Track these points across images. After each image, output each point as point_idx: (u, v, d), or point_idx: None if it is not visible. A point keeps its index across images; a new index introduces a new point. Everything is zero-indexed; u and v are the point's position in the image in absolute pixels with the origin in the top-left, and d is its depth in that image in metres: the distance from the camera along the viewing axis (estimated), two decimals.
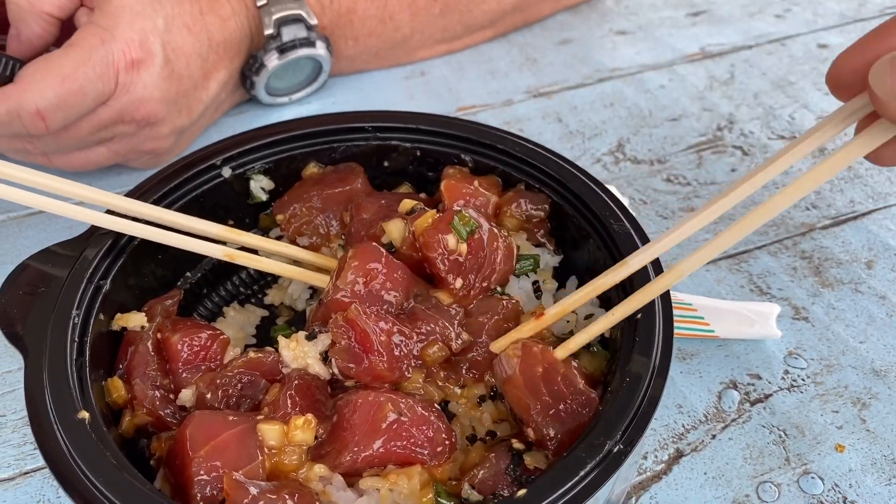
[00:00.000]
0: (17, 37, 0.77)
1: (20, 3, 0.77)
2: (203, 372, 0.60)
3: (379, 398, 0.54)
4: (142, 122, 0.82)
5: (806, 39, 1.12)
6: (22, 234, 0.84)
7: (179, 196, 0.69)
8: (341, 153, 0.75)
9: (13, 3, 0.77)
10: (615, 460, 0.50)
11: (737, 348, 0.72)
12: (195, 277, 0.72)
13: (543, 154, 0.71)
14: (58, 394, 0.53)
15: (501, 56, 1.09)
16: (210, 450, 0.52)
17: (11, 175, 0.61)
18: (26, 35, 0.78)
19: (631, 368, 0.54)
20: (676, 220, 0.85)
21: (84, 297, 0.60)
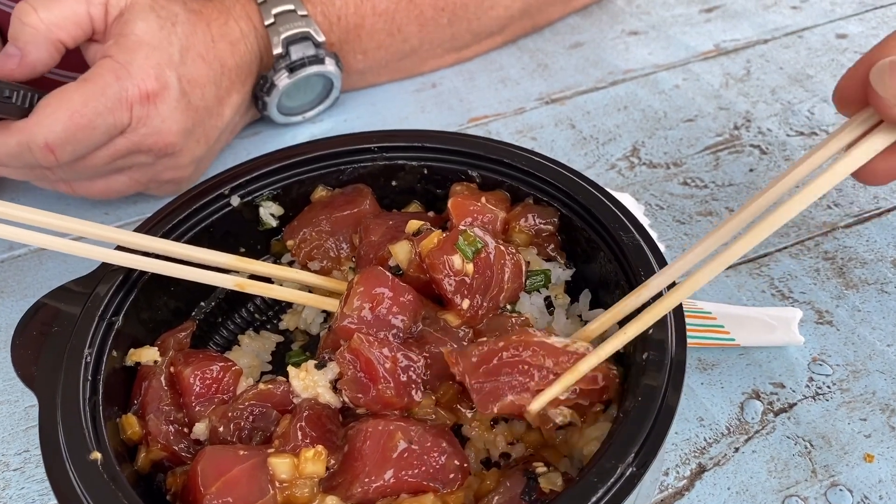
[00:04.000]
0: (21, 59, 0.77)
1: (36, 27, 0.77)
2: (216, 404, 0.60)
3: (388, 427, 0.54)
4: (160, 153, 0.83)
5: (824, 30, 1.09)
6: (42, 266, 0.86)
7: (189, 227, 0.69)
8: (349, 175, 0.75)
9: (27, 26, 0.77)
10: (628, 483, 0.49)
11: (759, 356, 0.71)
12: (209, 307, 0.72)
13: (551, 167, 0.70)
14: (71, 435, 0.53)
15: (512, 63, 1.08)
16: (222, 485, 0.52)
17: (20, 217, 0.62)
18: (33, 58, 0.77)
19: (642, 388, 0.53)
20: (694, 224, 0.84)
21: (97, 334, 0.60)
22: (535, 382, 0.55)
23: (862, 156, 0.52)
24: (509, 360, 0.55)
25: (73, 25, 0.78)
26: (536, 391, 0.54)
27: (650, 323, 0.56)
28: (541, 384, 0.55)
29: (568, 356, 0.55)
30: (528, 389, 0.55)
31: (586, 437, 0.58)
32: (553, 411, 0.55)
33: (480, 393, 0.55)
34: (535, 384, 0.55)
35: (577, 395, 0.55)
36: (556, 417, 0.55)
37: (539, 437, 0.60)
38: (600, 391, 0.56)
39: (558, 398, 0.55)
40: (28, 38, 0.78)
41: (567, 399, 0.55)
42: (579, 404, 0.56)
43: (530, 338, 0.56)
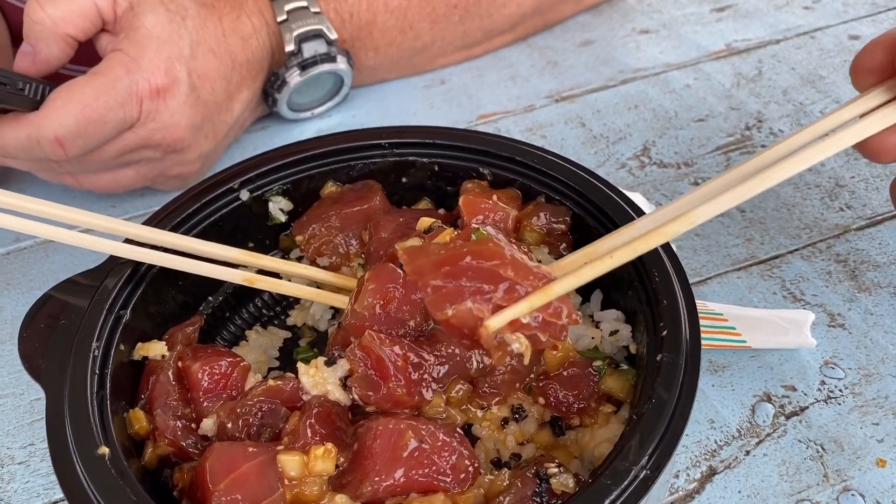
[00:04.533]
0: (34, 56, 0.77)
1: (44, 23, 0.77)
2: (224, 400, 0.59)
3: (399, 425, 0.54)
4: (168, 148, 0.82)
5: (836, 31, 1.09)
6: (49, 259, 0.85)
7: (198, 221, 0.69)
8: (359, 171, 0.74)
9: (36, 23, 0.77)
10: (642, 485, 0.48)
11: (770, 359, 0.70)
12: (217, 302, 0.72)
13: (563, 165, 0.69)
14: (78, 429, 0.53)
15: (522, 61, 1.07)
16: (230, 482, 0.51)
17: (29, 208, 0.61)
18: (44, 55, 0.78)
19: (656, 389, 0.52)
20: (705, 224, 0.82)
21: (104, 328, 0.60)
22: (500, 296, 0.50)
23: (874, 125, 0.51)
24: (475, 266, 0.50)
25: (79, 19, 0.78)
26: (498, 306, 0.49)
27: (644, 250, 0.53)
28: (505, 299, 0.50)
29: (540, 276, 0.51)
30: (490, 301, 0.50)
31: (597, 438, 0.58)
32: (510, 336, 0.50)
33: (437, 293, 0.50)
34: (500, 298, 0.50)
35: (538, 325, 0.50)
36: (512, 343, 0.51)
37: (550, 438, 0.60)
38: (560, 329, 0.51)
39: (519, 321, 0.50)
40: (37, 35, 0.78)
41: (528, 325, 0.50)
42: (537, 338, 0.51)
43: (502, 249, 0.51)
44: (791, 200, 0.85)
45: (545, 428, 0.60)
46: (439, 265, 0.52)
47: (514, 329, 0.51)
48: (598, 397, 0.60)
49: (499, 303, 0.50)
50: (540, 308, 0.51)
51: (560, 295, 0.51)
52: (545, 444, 0.59)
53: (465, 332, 0.51)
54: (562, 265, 0.57)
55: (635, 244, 0.53)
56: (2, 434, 0.69)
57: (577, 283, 0.52)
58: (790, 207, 0.84)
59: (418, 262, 0.53)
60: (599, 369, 0.60)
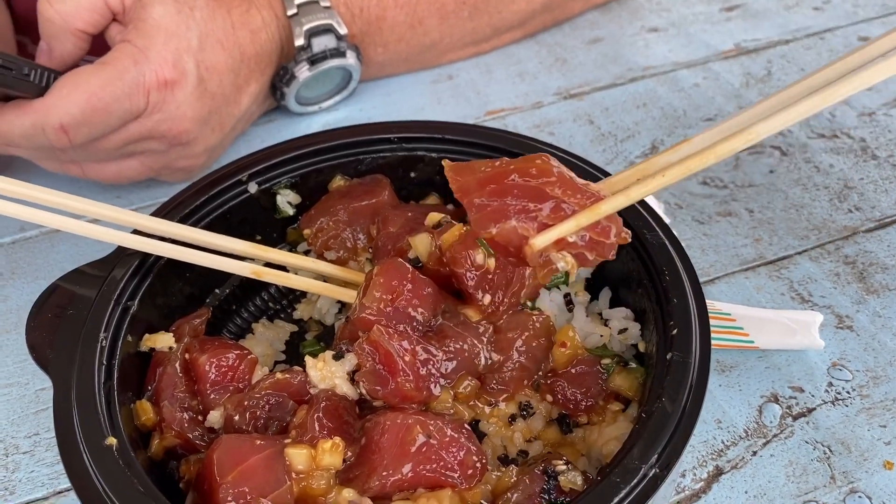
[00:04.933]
0: (49, 52, 0.78)
1: (53, 19, 0.77)
2: (231, 393, 0.59)
3: (407, 420, 0.53)
4: (173, 140, 0.82)
5: (846, 32, 1.08)
6: (54, 249, 0.85)
7: (206, 213, 0.68)
8: (367, 165, 0.74)
9: (46, 21, 0.77)
10: (651, 484, 0.48)
11: (777, 359, 0.70)
12: (223, 294, 0.72)
13: (573, 162, 0.69)
14: (86, 419, 0.53)
15: (530, 57, 1.07)
16: (237, 475, 0.51)
17: (37, 197, 0.61)
18: (59, 52, 0.78)
19: (665, 388, 0.52)
20: (713, 224, 0.83)
21: (112, 318, 0.60)
22: (546, 214, 0.49)
23: None
24: (521, 184, 0.49)
25: (88, 13, 0.78)
26: (544, 224, 0.49)
27: (694, 169, 0.51)
28: (551, 217, 0.49)
29: (588, 195, 0.50)
30: (535, 219, 0.49)
31: (605, 436, 0.58)
32: (556, 254, 0.49)
33: (482, 211, 0.50)
34: (546, 216, 0.49)
35: (585, 244, 0.50)
36: (558, 262, 0.50)
37: (557, 435, 0.60)
38: (608, 248, 0.50)
39: (566, 240, 0.49)
40: (50, 32, 0.78)
41: (574, 244, 0.50)
42: (584, 256, 0.50)
43: (550, 165, 0.50)
44: (799, 201, 0.85)
45: (553, 425, 0.60)
46: (485, 183, 0.51)
47: (561, 248, 0.50)
48: (607, 395, 0.60)
49: (545, 221, 0.49)
50: (587, 227, 0.49)
51: (608, 214, 0.49)
52: (553, 442, 0.59)
53: (511, 251, 0.50)
54: (612, 182, 0.55)
55: (689, 162, 0.51)
56: (6, 423, 0.69)
57: (626, 203, 0.51)
58: (798, 208, 0.84)
59: (464, 179, 0.51)
60: (608, 367, 0.60)
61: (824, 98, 0.50)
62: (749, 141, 0.50)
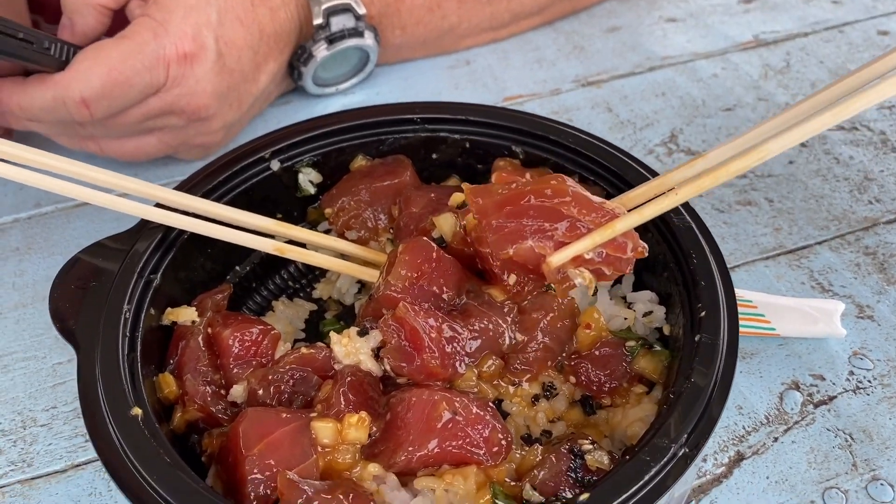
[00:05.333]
0: (71, 28, 0.77)
1: None
2: (254, 367, 0.59)
3: (433, 396, 0.53)
4: (192, 115, 0.82)
5: (865, 26, 1.08)
6: (70, 225, 0.85)
7: (228, 189, 0.68)
8: (389, 145, 0.74)
9: None
10: (681, 463, 0.48)
11: (798, 347, 0.70)
12: (244, 271, 0.71)
13: (598, 145, 0.69)
14: (111, 390, 0.53)
15: (548, 44, 1.07)
16: (263, 447, 0.51)
17: (62, 168, 0.61)
18: (81, 27, 0.78)
19: (694, 368, 0.52)
20: (733, 213, 0.82)
21: (135, 291, 0.59)
22: (562, 233, 0.50)
23: None
24: (537, 205, 0.50)
25: None
26: (561, 243, 0.50)
27: (707, 187, 0.52)
28: (567, 236, 0.50)
29: (603, 213, 0.51)
30: (551, 238, 0.50)
31: (629, 417, 0.57)
32: (573, 270, 0.50)
33: (500, 232, 0.51)
34: (562, 235, 0.50)
35: (601, 260, 0.51)
36: (576, 278, 0.51)
37: (580, 416, 0.59)
38: (625, 263, 0.51)
39: (582, 257, 0.50)
40: (72, 6, 0.78)
41: (591, 260, 0.51)
42: (601, 271, 0.51)
43: (565, 186, 0.51)
44: (819, 192, 0.84)
45: (575, 406, 0.60)
46: (502, 205, 0.52)
47: (578, 264, 0.51)
48: (630, 378, 0.59)
49: (561, 240, 0.50)
50: (604, 244, 0.50)
51: (623, 232, 0.50)
52: (575, 423, 0.59)
53: (530, 268, 0.51)
54: (628, 198, 0.56)
55: (702, 180, 0.51)
56: (24, 397, 0.69)
57: (640, 221, 0.52)
58: (818, 199, 0.84)
59: (482, 201, 0.52)
60: (632, 350, 0.59)
61: (835, 115, 0.50)
62: (761, 159, 0.50)
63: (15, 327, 0.74)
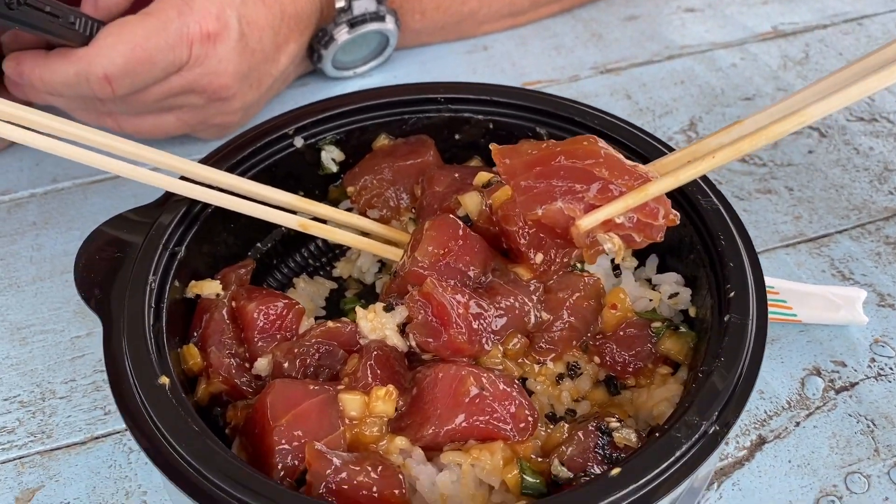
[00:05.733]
0: (95, 3, 0.77)
1: None
2: (279, 341, 0.59)
3: (461, 372, 0.53)
4: (213, 94, 0.81)
5: (884, 19, 1.08)
6: (88, 200, 0.84)
7: (252, 165, 0.68)
8: (412, 125, 0.73)
9: None
10: (711, 441, 0.48)
11: (819, 334, 0.70)
12: (265, 248, 0.71)
13: (621, 126, 0.69)
14: (138, 359, 0.52)
15: (566, 31, 1.06)
16: (291, 418, 0.51)
17: (88, 139, 0.60)
18: (104, 2, 0.77)
19: (725, 348, 0.52)
20: (753, 201, 0.82)
21: (160, 263, 0.59)
22: (593, 195, 0.48)
23: None
24: (568, 166, 0.48)
25: None
26: (591, 206, 0.48)
27: (745, 150, 0.50)
28: (598, 198, 0.48)
29: (636, 176, 0.49)
30: (582, 200, 0.48)
31: (655, 397, 0.57)
32: (602, 235, 0.49)
33: (528, 193, 0.49)
34: (593, 197, 0.48)
35: (632, 226, 0.49)
36: (605, 243, 0.49)
37: (605, 396, 0.59)
38: (657, 230, 0.50)
39: (613, 221, 0.48)
40: None
41: (621, 225, 0.49)
42: (631, 237, 0.49)
43: (597, 147, 0.49)
44: (839, 182, 0.84)
45: (600, 386, 0.60)
46: (531, 165, 0.50)
47: (608, 229, 0.49)
48: (655, 359, 0.59)
49: (592, 202, 0.48)
50: (635, 208, 0.49)
51: (656, 196, 0.49)
52: (600, 402, 0.59)
53: (558, 232, 0.49)
54: (662, 163, 0.54)
55: (740, 143, 0.50)
56: (43, 369, 0.69)
57: (675, 184, 0.50)
58: (839, 189, 0.83)
59: (511, 161, 0.50)
60: (658, 331, 0.59)
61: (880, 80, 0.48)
62: (801, 123, 0.49)
63: (33, 301, 0.74)
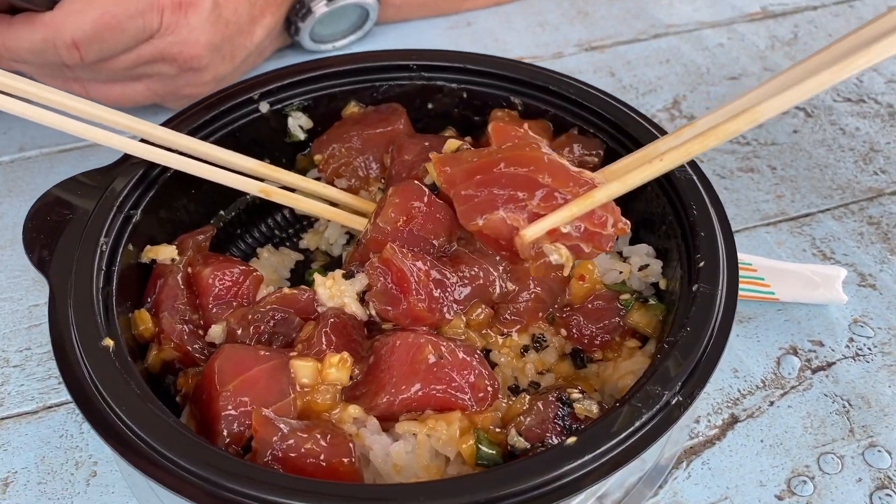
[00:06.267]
0: None
1: None
2: (234, 308, 0.57)
3: (419, 339, 0.51)
4: (184, 65, 0.79)
5: (875, 1, 1.06)
6: (53, 169, 0.82)
7: (215, 129, 0.66)
8: (383, 93, 0.71)
9: None
10: (674, 412, 0.46)
11: (797, 313, 0.68)
12: (229, 216, 0.69)
13: (599, 97, 0.67)
14: (82, 320, 0.50)
15: (551, 9, 1.04)
16: (239, 384, 0.49)
17: (50, 100, 0.58)
18: None
19: (691, 317, 0.50)
20: (735, 179, 0.80)
21: (113, 226, 0.57)
22: (537, 203, 0.45)
23: None
24: (510, 173, 0.46)
25: None
26: (536, 214, 0.46)
27: (695, 152, 0.49)
28: (542, 206, 0.45)
29: (582, 182, 0.47)
30: (524, 209, 0.46)
31: (621, 370, 0.56)
32: (549, 246, 0.47)
33: (468, 203, 0.46)
34: (536, 205, 0.46)
35: (580, 235, 0.47)
36: (551, 254, 0.47)
37: (570, 369, 0.57)
38: (605, 239, 0.48)
39: (559, 230, 0.46)
40: None
41: (568, 235, 0.47)
42: (579, 248, 0.47)
43: (540, 153, 0.47)
44: (824, 161, 0.82)
45: (566, 359, 0.58)
46: (472, 173, 0.49)
47: (554, 239, 0.47)
48: (623, 332, 0.57)
49: (536, 211, 0.47)
50: (582, 217, 0.47)
51: (603, 202, 0.48)
52: (565, 375, 0.57)
53: (502, 244, 0.47)
54: (611, 170, 0.53)
55: (690, 145, 0.49)
56: None
57: (622, 190, 0.49)
58: (823, 168, 0.82)
59: (450, 170, 0.49)
60: (626, 303, 0.57)
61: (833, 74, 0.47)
62: (754, 121, 0.47)
63: None
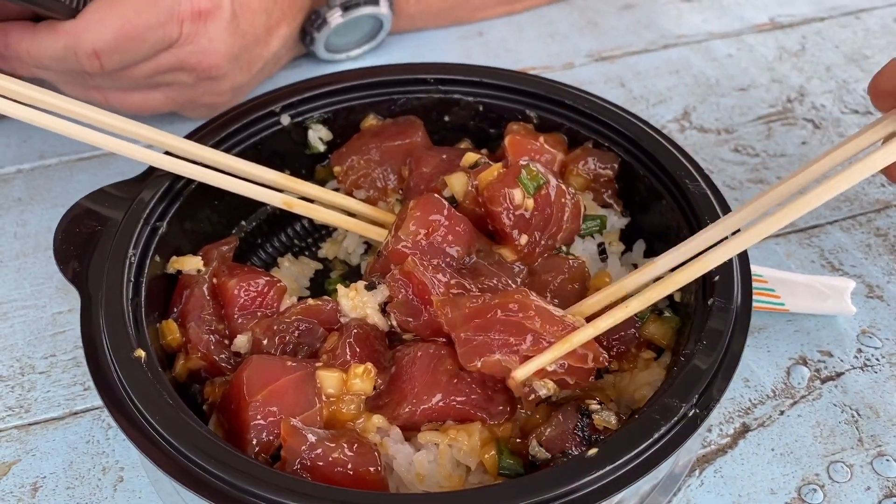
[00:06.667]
0: None
1: None
2: (259, 318, 0.58)
3: (440, 351, 0.53)
4: (202, 74, 0.80)
5: (882, 13, 1.07)
6: (73, 178, 0.84)
7: (237, 142, 0.67)
8: (401, 105, 0.73)
9: None
10: (691, 424, 0.47)
11: (807, 324, 0.69)
12: (250, 227, 0.71)
13: (613, 111, 0.68)
14: (114, 332, 0.52)
15: (561, 19, 1.06)
16: (267, 394, 0.50)
17: (73, 112, 0.60)
18: None
19: (707, 331, 0.51)
20: (744, 190, 0.82)
21: (141, 237, 0.59)
22: (527, 347, 0.51)
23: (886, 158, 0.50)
24: (504, 319, 0.51)
25: None
26: (526, 356, 0.51)
27: (656, 298, 0.53)
28: (531, 350, 0.51)
29: (563, 326, 0.52)
30: (517, 352, 0.51)
31: (637, 381, 0.57)
32: (538, 382, 0.51)
33: (467, 345, 0.52)
34: (526, 348, 0.51)
35: (564, 371, 0.51)
36: (540, 389, 0.51)
37: None
38: (587, 372, 0.52)
39: (545, 369, 0.51)
40: None
41: (554, 372, 0.51)
42: (565, 381, 0.52)
43: (529, 300, 0.52)
44: None
45: None
46: (470, 318, 0.52)
47: (542, 376, 0.51)
48: (639, 343, 0.59)
49: (526, 353, 0.51)
50: (565, 355, 0.51)
51: (580, 344, 0.51)
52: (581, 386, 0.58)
53: (497, 379, 0.52)
54: (587, 305, 0.56)
55: (649, 293, 0.53)
56: (23, 344, 0.68)
57: (594, 334, 0.52)
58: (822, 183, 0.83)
59: (452, 314, 0.53)
60: (642, 315, 0.59)
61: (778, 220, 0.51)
62: (703, 269, 0.53)
63: (16, 276, 0.74)
